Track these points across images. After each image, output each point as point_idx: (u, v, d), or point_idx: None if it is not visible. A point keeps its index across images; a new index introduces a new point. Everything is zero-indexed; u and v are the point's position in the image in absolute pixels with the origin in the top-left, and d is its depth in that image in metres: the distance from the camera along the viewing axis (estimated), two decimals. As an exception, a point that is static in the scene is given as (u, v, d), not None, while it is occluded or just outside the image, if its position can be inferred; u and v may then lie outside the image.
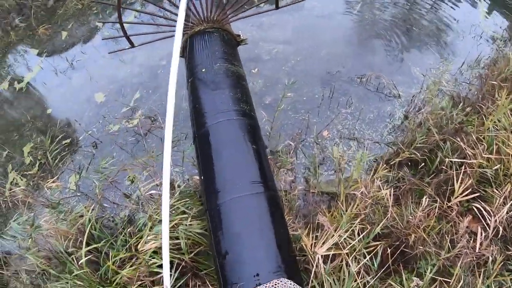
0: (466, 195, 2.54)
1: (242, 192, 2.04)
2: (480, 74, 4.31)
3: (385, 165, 2.60)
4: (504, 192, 2.63)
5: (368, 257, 2.14)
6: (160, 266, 2.29)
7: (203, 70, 2.50)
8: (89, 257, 2.33)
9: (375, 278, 2.11)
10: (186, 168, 3.06)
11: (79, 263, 2.26)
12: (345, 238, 2.09)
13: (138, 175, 3.20)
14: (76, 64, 4.64)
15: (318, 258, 2.01)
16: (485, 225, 2.46)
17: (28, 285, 2.63)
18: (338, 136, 3.54)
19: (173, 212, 2.34)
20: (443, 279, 2.19)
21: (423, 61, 4.32)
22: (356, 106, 3.80)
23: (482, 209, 2.50)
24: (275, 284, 1.91)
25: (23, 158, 3.84)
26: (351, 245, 2.07)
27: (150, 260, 2.29)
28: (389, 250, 2.39)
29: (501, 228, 2.46)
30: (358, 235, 2.17)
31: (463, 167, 2.85)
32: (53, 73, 4.62)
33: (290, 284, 1.92)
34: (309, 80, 4.03)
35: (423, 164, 3.02)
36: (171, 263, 2.30)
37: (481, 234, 2.38)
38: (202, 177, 2.18)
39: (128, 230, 2.51)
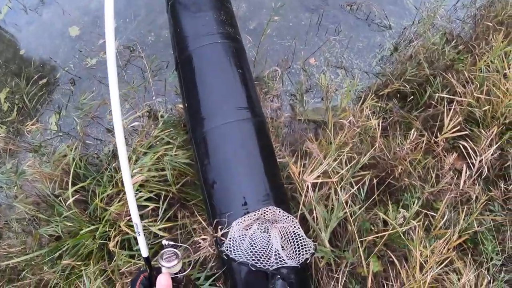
0: (454, 132, 2.53)
1: (229, 118, 1.96)
2: (475, 14, 4.18)
3: (373, 96, 2.55)
4: (491, 134, 2.64)
5: (356, 187, 2.15)
6: (147, 199, 2.27)
7: (184, -9, 2.30)
8: (76, 197, 2.27)
9: (362, 208, 2.13)
10: (168, 98, 2.95)
11: (67, 204, 2.22)
12: (333, 167, 2.08)
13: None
14: (46, -2, 4.26)
15: (308, 186, 1.99)
16: (470, 164, 2.49)
17: (20, 233, 2.60)
18: (325, 64, 3.45)
19: (158, 143, 2.27)
20: (428, 212, 2.23)
21: (417, -7, 4.12)
22: (345, 34, 3.67)
23: (468, 147, 2.51)
24: (264, 212, 1.91)
25: (1, 105, 3.64)
26: (340, 174, 2.06)
27: (137, 194, 2.25)
28: (375, 181, 2.42)
29: (485, 168, 2.49)
30: (346, 164, 2.16)
31: (453, 104, 2.84)
32: (23, 11, 4.23)
33: (279, 211, 1.93)
34: (296, 5, 3.82)
35: (411, 97, 2.99)
36: (158, 195, 2.29)
37: (466, 172, 2.40)
38: (186, 104, 2.08)
39: (113, 165, 2.45)
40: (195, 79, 2.07)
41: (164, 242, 1.31)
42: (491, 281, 2.24)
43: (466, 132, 2.68)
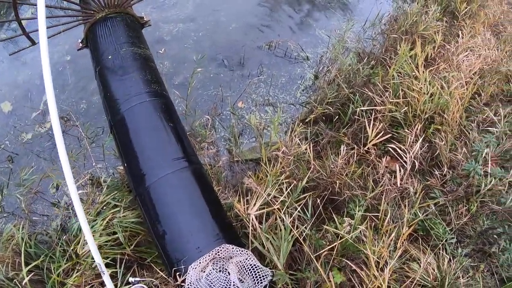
0: (380, 137, 2.77)
1: (167, 170, 2.07)
2: (382, 30, 4.71)
3: (301, 123, 2.78)
4: (415, 131, 2.94)
5: (299, 209, 2.29)
6: (105, 265, 2.26)
7: (109, 57, 2.43)
8: (30, 276, 2.19)
9: (308, 227, 2.27)
10: (109, 162, 3.00)
11: (23, 285, 2.14)
12: (274, 196, 2.23)
13: (62, 180, 3.02)
14: (-25, 75, 4.15)
15: (252, 218, 2.11)
16: (403, 162, 2.73)
17: (-23, 325, 2.42)
18: (253, 105, 3.67)
19: (105, 208, 2.30)
20: (373, 214, 2.42)
21: (327, 23, 4.61)
22: (268, 73, 3.95)
23: (397, 148, 2.76)
24: (218, 251, 2.00)
25: None
26: (280, 200, 2.20)
27: (93, 262, 2.24)
28: (318, 200, 2.59)
29: (416, 163, 2.75)
30: (288, 191, 2.31)
31: (373, 114, 3.14)
32: (-50, 91, 4.08)
33: (232, 247, 2.02)
34: (216, 55, 4.07)
35: (337, 117, 3.27)
36: (114, 260, 2.29)
37: (400, 171, 2.62)
38: (126, 164, 2.16)
39: (64, 238, 2.42)
40: (130, 139, 2.17)
41: (131, 279, 1.34)
42: (451, 259, 2.40)
43: (391, 135, 2.95)
